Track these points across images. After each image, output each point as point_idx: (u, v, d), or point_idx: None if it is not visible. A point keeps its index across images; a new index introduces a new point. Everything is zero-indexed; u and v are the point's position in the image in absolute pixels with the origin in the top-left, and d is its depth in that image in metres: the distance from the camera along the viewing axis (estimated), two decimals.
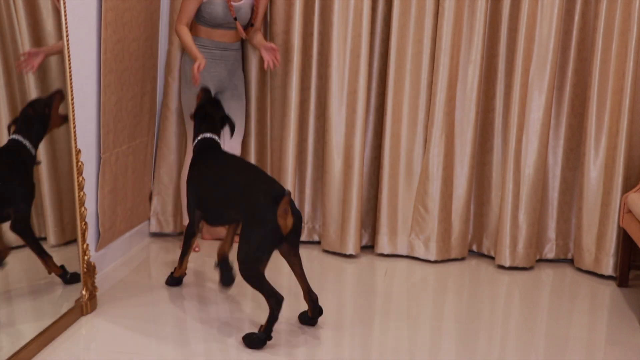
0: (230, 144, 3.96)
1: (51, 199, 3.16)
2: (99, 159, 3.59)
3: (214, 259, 4.06)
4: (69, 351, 2.91)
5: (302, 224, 3.32)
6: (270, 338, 3.03)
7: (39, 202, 3.12)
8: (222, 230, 4.22)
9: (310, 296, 3.22)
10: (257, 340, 3.03)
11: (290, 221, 3.08)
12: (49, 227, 3.18)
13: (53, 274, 3.21)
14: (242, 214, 3.14)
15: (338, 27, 4.03)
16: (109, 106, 3.59)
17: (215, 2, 3.80)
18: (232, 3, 3.83)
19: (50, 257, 3.12)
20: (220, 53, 3.91)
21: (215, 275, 3.77)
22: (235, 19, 3.84)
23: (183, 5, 3.81)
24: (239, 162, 3.52)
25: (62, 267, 3.19)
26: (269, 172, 4.25)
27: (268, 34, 4.16)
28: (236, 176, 3.29)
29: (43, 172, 3.11)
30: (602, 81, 3.93)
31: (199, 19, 3.87)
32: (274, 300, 3.03)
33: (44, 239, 3.17)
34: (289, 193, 3.05)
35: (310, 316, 3.25)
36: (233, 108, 4.01)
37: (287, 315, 3.34)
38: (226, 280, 3.47)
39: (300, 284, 3.23)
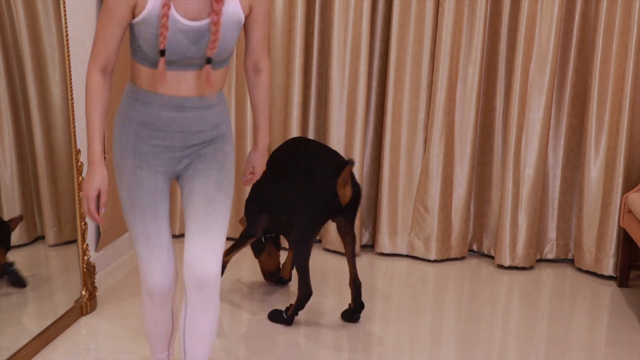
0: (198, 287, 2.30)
1: (50, 198, 3.16)
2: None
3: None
4: (69, 351, 2.92)
5: (360, 199, 3.20)
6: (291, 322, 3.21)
7: (38, 202, 3.13)
8: None
9: (355, 283, 3.24)
10: (282, 318, 3.21)
11: (349, 192, 3.09)
12: (47, 227, 3.18)
13: (52, 273, 3.21)
14: (302, 187, 3.10)
15: (338, 27, 4.03)
16: (110, 107, 3.59)
17: (150, 22, 2.09)
18: (185, 22, 2.10)
19: None
20: (172, 116, 2.21)
21: None
22: (163, 52, 2.10)
23: (97, 32, 2.16)
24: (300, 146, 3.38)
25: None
26: None
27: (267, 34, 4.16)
28: (298, 155, 3.23)
29: (42, 172, 3.12)
30: (603, 81, 3.92)
31: (134, 52, 2.19)
32: (304, 292, 3.12)
33: (43, 238, 3.17)
34: (353, 162, 3.07)
35: (352, 307, 3.28)
36: (199, 193, 2.30)
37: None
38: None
39: (349, 267, 3.24)
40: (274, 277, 3.65)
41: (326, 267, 4.03)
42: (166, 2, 2.05)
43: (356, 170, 4.09)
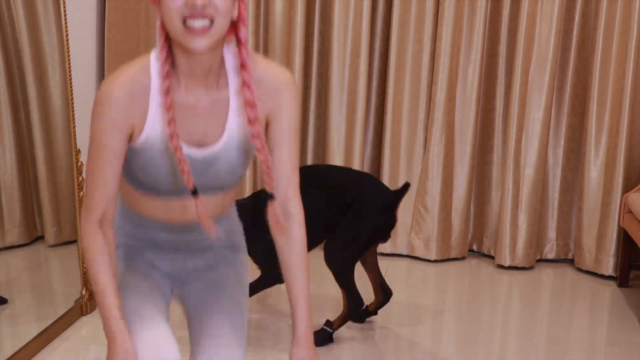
0: None
1: (49, 199, 3.16)
2: None
3: None
4: (68, 351, 2.91)
5: None
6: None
7: (38, 202, 3.13)
8: None
9: (385, 289, 3.22)
10: (325, 337, 3.06)
11: (396, 215, 3.16)
12: (47, 227, 3.19)
13: (52, 273, 3.20)
14: (353, 209, 3.03)
15: (338, 27, 4.03)
16: None
17: (149, 148, 1.59)
18: (188, 151, 1.59)
19: None
20: (172, 238, 1.78)
21: None
22: (195, 191, 1.58)
23: (90, 176, 1.62)
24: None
25: None
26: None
27: (266, 34, 4.15)
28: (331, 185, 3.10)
29: (42, 172, 3.12)
30: (603, 81, 3.92)
31: (124, 172, 1.68)
32: (354, 304, 3.06)
33: (42, 238, 3.18)
34: (410, 185, 3.14)
35: (369, 310, 3.25)
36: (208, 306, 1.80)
37: (287, 314, 3.34)
38: None
39: (376, 274, 3.23)
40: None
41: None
42: (173, 132, 1.53)
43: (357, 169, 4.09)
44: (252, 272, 3.17)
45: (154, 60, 1.56)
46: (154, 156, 1.59)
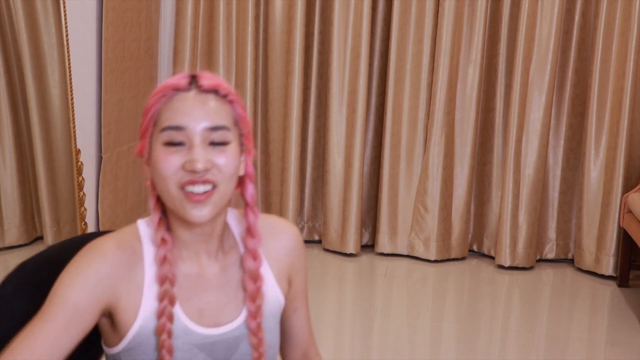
0: None
1: (49, 199, 3.16)
2: (100, 159, 3.60)
3: None
4: None
5: None
6: None
7: (37, 202, 3.13)
8: None
9: None
10: None
11: None
12: (46, 227, 3.18)
13: None
14: None
15: (338, 27, 4.03)
16: (110, 106, 3.60)
17: (148, 343, 1.25)
18: (201, 332, 1.29)
19: None
20: None
21: None
22: None
23: (27, 333, 1.21)
24: None
25: None
26: (270, 173, 4.24)
27: (266, 34, 4.15)
28: None
29: (41, 172, 3.12)
30: (603, 81, 3.92)
31: None
32: None
33: (42, 238, 3.17)
34: None
35: None
36: None
37: None
38: None
39: None
40: None
41: (326, 267, 4.03)
42: (163, 309, 1.23)
43: (356, 170, 4.09)
44: None
45: (143, 225, 1.31)
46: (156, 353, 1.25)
